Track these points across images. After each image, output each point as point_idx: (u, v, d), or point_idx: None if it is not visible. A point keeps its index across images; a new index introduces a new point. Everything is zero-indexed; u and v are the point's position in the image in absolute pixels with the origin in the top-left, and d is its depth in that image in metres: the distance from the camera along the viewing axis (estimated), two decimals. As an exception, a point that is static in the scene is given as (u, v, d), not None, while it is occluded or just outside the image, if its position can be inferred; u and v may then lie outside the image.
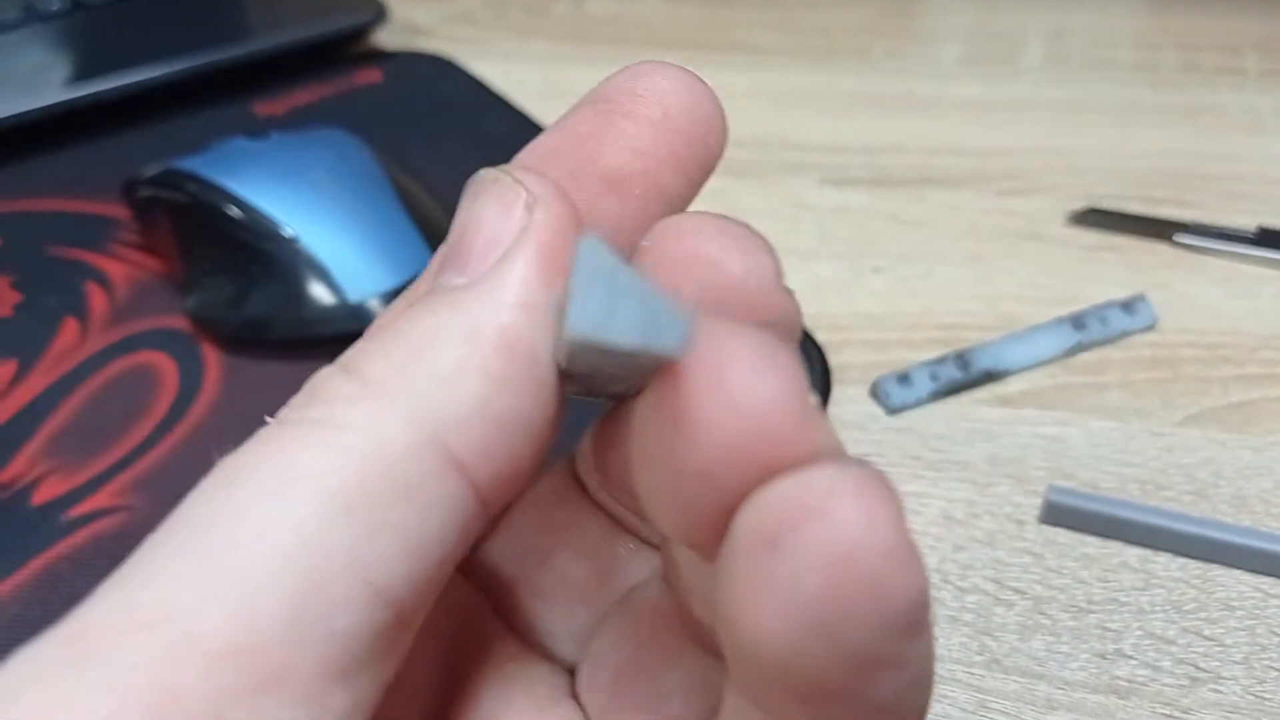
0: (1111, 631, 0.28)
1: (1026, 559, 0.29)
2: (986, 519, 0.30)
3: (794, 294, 0.15)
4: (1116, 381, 0.34)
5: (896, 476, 0.12)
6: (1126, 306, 0.36)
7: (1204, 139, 0.46)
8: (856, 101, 0.49)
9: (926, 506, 0.31)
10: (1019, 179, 0.44)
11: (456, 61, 0.50)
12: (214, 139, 0.37)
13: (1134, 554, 0.29)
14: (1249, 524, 0.30)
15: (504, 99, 0.47)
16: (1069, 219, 0.41)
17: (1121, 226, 0.41)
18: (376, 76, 0.48)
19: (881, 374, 0.34)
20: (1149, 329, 0.36)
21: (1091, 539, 0.30)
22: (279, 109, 0.46)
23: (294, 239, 0.34)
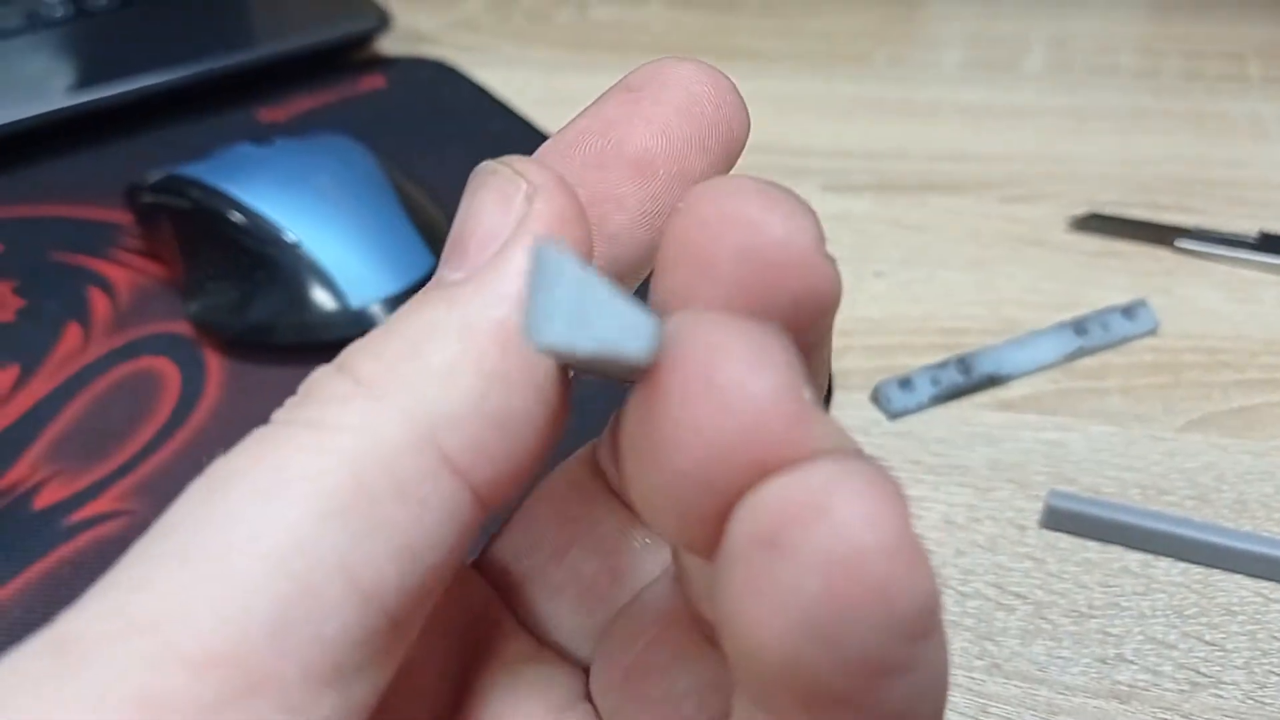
0: (1112, 636, 0.27)
1: (1027, 564, 0.29)
2: (987, 524, 0.30)
3: (835, 261, 0.14)
4: (1118, 386, 0.34)
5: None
6: (1128, 311, 0.36)
7: (1207, 145, 0.46)
8: (858, 107, 0.49)
9: (927, 511, 0.31)
10: (1021, 185, 0.44)
11: (459, 68, 0.50)
12: (218, 145, 0.37)
13: (1135, 559, 0.29)
14: (1250, 529, 0.30)
15: (506, 105, 0.47)
16: (1071, 224, 0.41)
17: (1123, 232, 0.41)
18: (380, 83, 0.48)
19: (883, 379, 0.34)
20: (1150, 334, 0.36)
21: (1092, 544, 0.30)
22: (282, 115, 0.46)
23: (296, 244, 0.34)
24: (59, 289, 0.37)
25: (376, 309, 0.33)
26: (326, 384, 0.14)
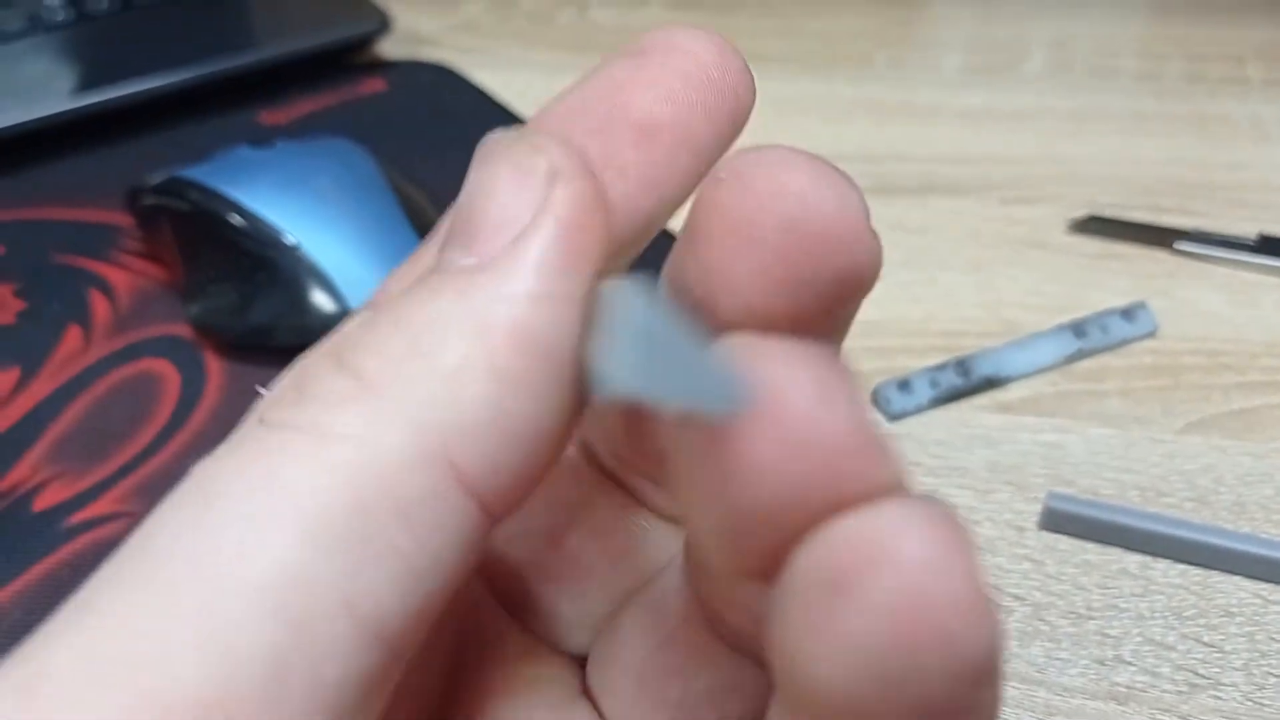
0: (1111, 638, 0.27)
1: (1026, 565, 0.29)
2: (986, 525, 0.30)
3: (879, 236, 0.14)
4: (1117, 389, 0.34)
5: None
6: (1127, 314, 0.36)
7: (1207, 147, 0.46)
8: (858, 109, 0.49)
9: (926, 513, 0.31)
10: (1021, 187, 0.44)
11: (460, 71, 0.50)
12: (218, 147, 0.37)
13: (1134, 560, 0.29)
14: (1249, 530, 0.30)
15: (507, 108, 0.47)
16: (1070, 226, 0.41)
17: (1123, 234, 0.41)
18: (380, 86, 0.48)
19: (882, 380, 0.34)
20: (1150, 336, 0.36)
21: (1091, 545, 0.30)
22: (283, 118, 0.46)
23: (296, 247, 0.34)
24: (60, 291, 0.37)
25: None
26: (324, 380, 0.13)
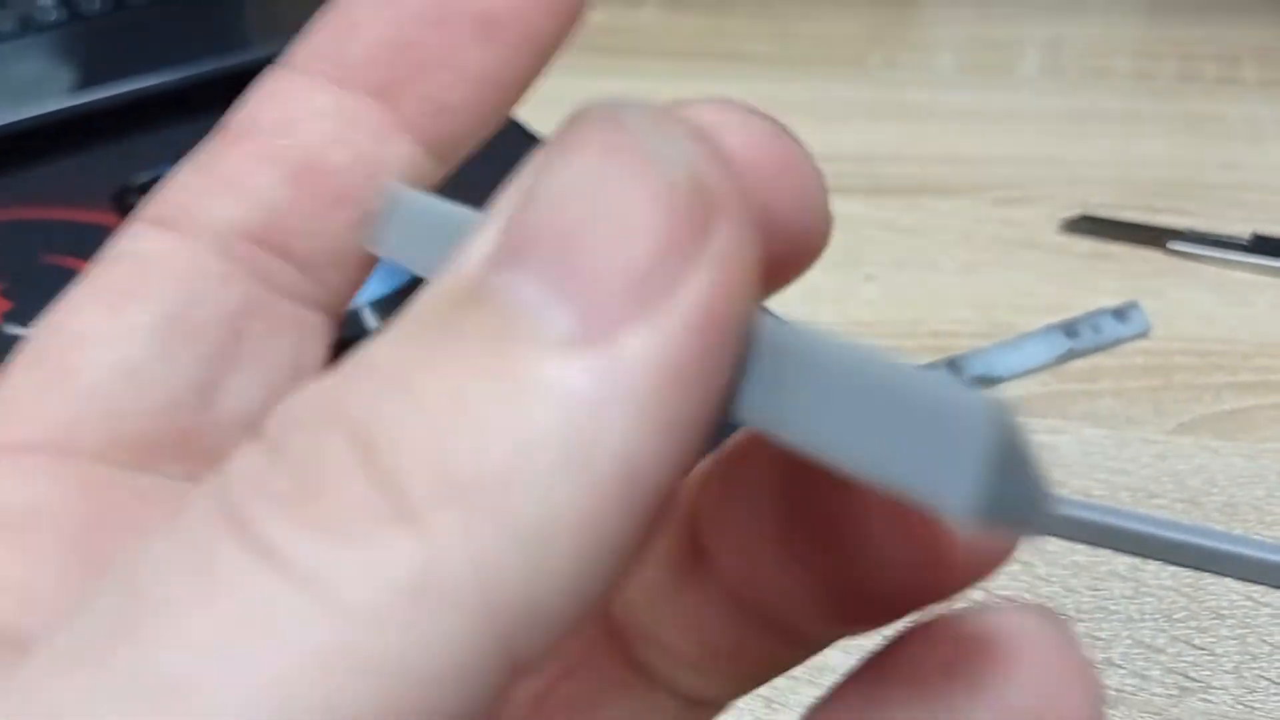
0: (1100, 640, 0.27)
1: (1015, 566, 0.29)
2: (976, 527, 0.30)
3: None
4: (1109, 389, 0.34)
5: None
6: (1119, 314, 0.36)
7: (1201, 147, 0.46)
8: (852, 110, 0.49)
9: (916, 514, 0.30)
10: (1015, 188, 0.44)
11: (453, 71, 0.50)
12: (206, 147, 0.37)
13: (1124, 562, 0.29)
14: (1240, 532, 0.30)
15: (500, 108, 0.47)
16: (1062, 227, 0.41)
17: (1115, 234, 0.40)
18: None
19: (873, 382, 0.34)
20: (1142, 336, 0.36)
21: (1081, 547, 0.29)
22: (275, 118, 0.46)
23: (284, 246, 0.34)
24: (49, 292, 0.37)
25: (366, 311, 0.33)
26: (344, 484, 0.08)
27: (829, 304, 0.38)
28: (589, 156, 0.09)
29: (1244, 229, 0.40)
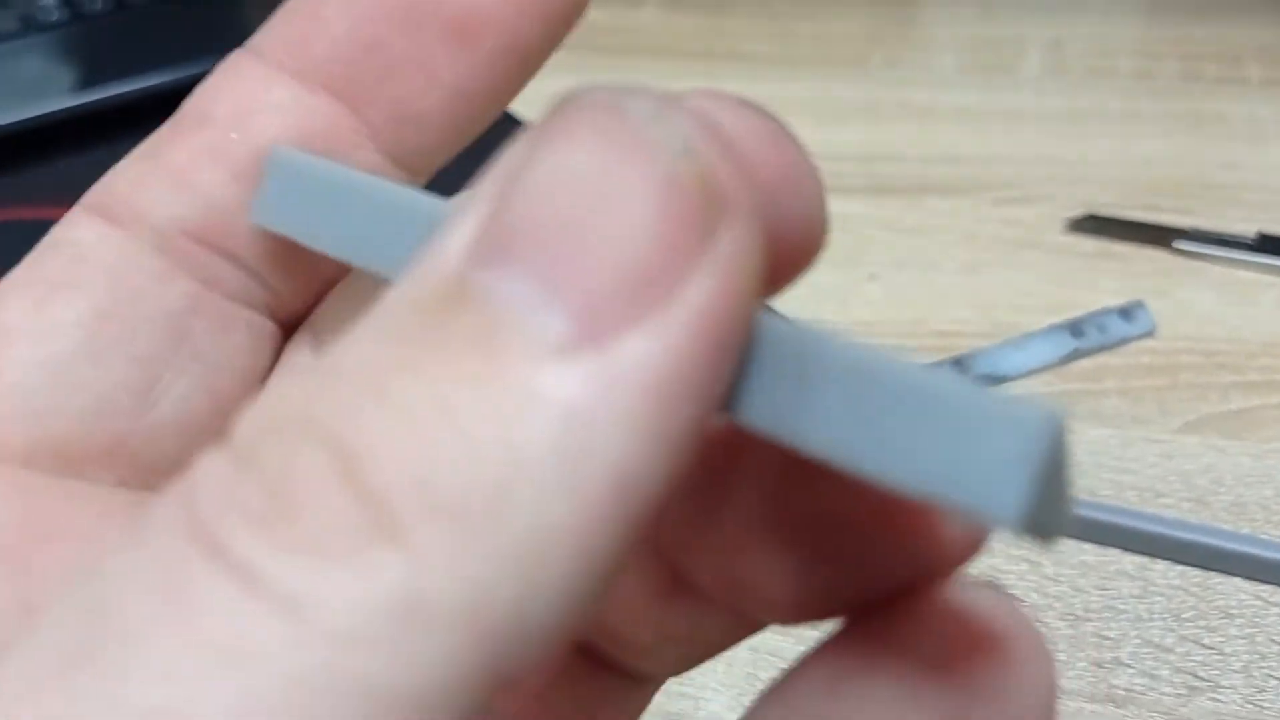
0: (1109, 640, 0.27)
1: (1023, 566, 0.29)
2: (983, 527, 0.30)
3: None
4: (1114, 388, 0.34)
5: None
6: (1124, 313, 0.36)
7: (1204, 147, 0.46)
8: (853, 110, 0.49)
9: (922, 514, 0.30)
10: (1017, 188, 0.43)
11: (454, 71, 0.50)
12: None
13: (1132, 561, 0.29)
14: (1248, 531, 0.29)
15: (505, 110, 0.47)
16: (1067, 226, 0.41)
17: (1120, 233, 0.40)
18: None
19: (878, 381, 0.34)
20: (1147, 335, 0.36)
21: (1089, 546, 0.29)
22: (275, 118, 0.46)
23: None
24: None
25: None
26: (322, 499, 0.08)
27: (832, 303, 0.38)
28: (585, 144, 0.08)
29: (1246, 227, 0.40)
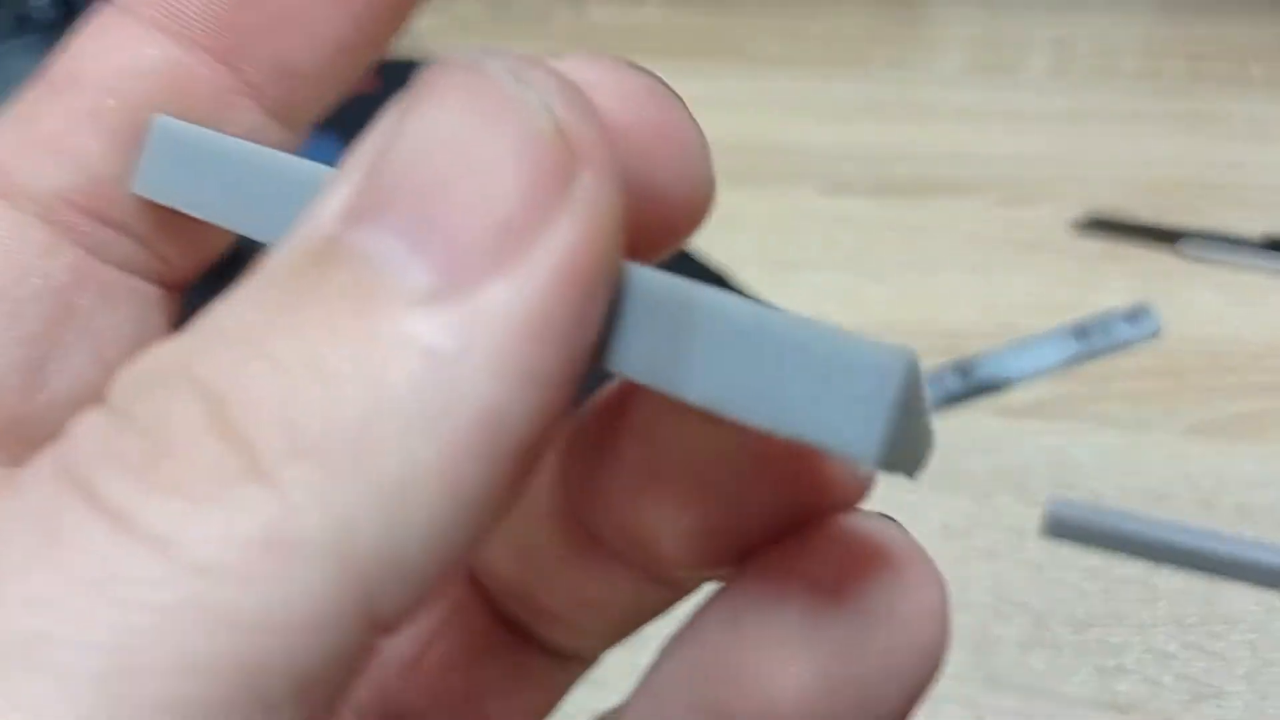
0: (1113, 646, 0.27)
1: (1027, 572, 0.29)
2: (987, 531, 0.30)
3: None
4: (1120, 391, 0.34)
5: (893, 487, 0.11)
6: (1130, 316, 0.36)
7: (1209, 147, 0.45)
8: (858, 110, 0.49)
9: (925, 519, 0.30)
10: (1022, 188, 0.43)
11: (455, 69, 0.49)
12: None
13: (1136, 567, 0.29)
14: (1253, 537, 0.29)
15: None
16: (1072, 227, 0.41)
17: (1125, 235, 0.40)
18: (374, 84, 0.48)
19: (880, 384, 0.34)
20: (1153, 338, 0.36)
21: (1093, 551, 0.29)
22: (276, 117, 0.46)
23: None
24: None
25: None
26: (193, 444, 0.08)
27: (836, 304, 0.38)
28: (450, 106, 0.09)
29: (1250, 228, 0.40)
